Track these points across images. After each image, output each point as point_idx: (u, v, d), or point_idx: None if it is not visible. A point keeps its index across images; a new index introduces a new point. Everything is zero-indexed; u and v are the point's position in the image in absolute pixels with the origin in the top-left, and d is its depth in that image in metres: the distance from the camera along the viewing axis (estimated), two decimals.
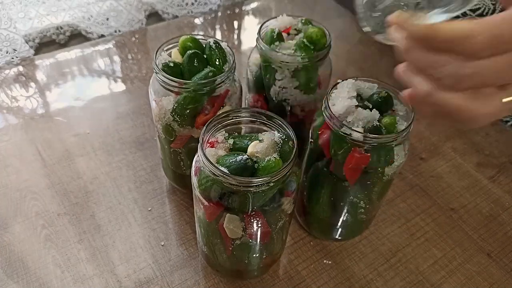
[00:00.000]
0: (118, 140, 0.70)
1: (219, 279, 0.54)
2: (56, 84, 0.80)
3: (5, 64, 0.82)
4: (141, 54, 0.87)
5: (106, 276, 0.54)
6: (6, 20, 0.79)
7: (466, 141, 0.74)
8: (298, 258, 0.57)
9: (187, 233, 0.59)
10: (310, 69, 0.55)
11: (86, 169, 0.66)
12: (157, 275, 0.54)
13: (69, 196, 0.62)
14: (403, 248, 0.59)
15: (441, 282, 0.56)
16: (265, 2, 1.06)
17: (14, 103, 0.75)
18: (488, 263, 0.58)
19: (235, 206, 0.42)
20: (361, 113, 0.45)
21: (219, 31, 0.96)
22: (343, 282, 0.55)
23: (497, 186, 0.67)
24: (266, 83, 0.58)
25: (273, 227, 0.46)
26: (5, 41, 0.80)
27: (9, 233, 0.57)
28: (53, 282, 0.53)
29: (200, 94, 0.49)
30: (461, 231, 0.61)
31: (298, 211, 0.60)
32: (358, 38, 0.96)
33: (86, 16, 0.91)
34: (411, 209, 0.64)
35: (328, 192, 0.52)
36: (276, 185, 0.41)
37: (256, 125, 0.46)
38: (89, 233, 0.58)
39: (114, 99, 0.78)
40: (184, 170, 0.58)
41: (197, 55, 0.50)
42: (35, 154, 0.67)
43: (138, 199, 0.62)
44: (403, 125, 0.46)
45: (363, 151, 0.45)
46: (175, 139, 0.53)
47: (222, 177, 0.40)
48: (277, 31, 0.56)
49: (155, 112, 0.53)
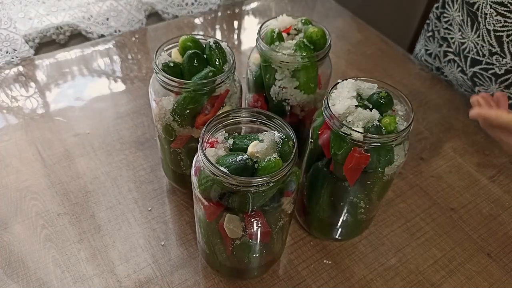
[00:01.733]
0: (118, 140, 0.70)
1: (219, 279, 0.54)
2: (56, 84, 0.80)
3: (5, 64, 0.82)
4: (141, 54, 0.87)
5: (106, 276, 0.54)
6: (6, 20, 0.79)
7: (466, 141, 0.74)
8: (298, 258, 0.57)
9: (187, 233, 0.59)
10: (310, 69, 0.55)
11: (86, 169, 0.66)
12: (157, 275, 0.54)
13: (69, 196, 0.62)
14: (403, 248, 0.59)
15: (441, 282, 0.56)
16: (265, 2, 1.06)
17: (14, 103, 0.75)
18: (488, 263, 0.58)
19: (235, 206, 0.42)
20: (361, 113, 0.45)
21: (219, 31, 0.96)
22: (343, 282, 0.55)
23: (497, 186, 0.67)
24: (266, 83, 0.58)
25: (273, 227, 0.46)
26: (5, 41, 0.80)
27: (9, 233, 0.57)
28: (53, 282, 0.53)
29: (200, 94, 0.49)
30: (461, 231, 0.61)
31: (298, 211, 0.60)
32: (358, 38, 0.96)
33: (86, 16, 0.91)
34: (411, 209, 0.64)
35: (328, 192, 0.52)
36: (276, 185, 0.41)
37: (256, 125, 0.46)
38: (89, 233, 0.58)
39: (114, 99, 0.78)
40: (184, 170, 0.58)
41: (197, 55, 0.50)
42: (35, 154, 0.67)
43: (138, 199, 0.62)
44: (403, 125, 0.46)
45: (363, 151, 0.45)
46: (175, 139, 0.53)
47: (222, 177, 0.40)
48: (277, 31, 0.56)
49: (155, 112, 0.53)
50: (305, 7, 1.06)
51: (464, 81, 0.75)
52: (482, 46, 0.66)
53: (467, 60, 0.71)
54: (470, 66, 0.71)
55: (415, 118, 0.46)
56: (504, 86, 0.69)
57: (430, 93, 0.82)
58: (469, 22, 0.68)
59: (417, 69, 0.87)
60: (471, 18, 0.67)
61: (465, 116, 0.78)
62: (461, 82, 0.77)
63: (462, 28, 0.69)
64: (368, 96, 0.48)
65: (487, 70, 0.69)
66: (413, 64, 0.89)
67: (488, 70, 0.69)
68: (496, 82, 0.69)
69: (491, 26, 0.65)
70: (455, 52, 0.74)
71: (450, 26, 0.74)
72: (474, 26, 0.67)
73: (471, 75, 0.72)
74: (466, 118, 0.78)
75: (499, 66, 0.67)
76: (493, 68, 0.68)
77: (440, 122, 0.77)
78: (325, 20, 1.01)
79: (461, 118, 0.78)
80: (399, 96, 0.49)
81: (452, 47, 0.75)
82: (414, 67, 0.88)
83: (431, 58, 0.84)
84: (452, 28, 0.73)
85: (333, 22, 1.00)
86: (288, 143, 0.43)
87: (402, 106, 0.48)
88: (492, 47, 0.66)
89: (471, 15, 0.67)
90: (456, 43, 0.73)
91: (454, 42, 0.74)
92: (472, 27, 0.68)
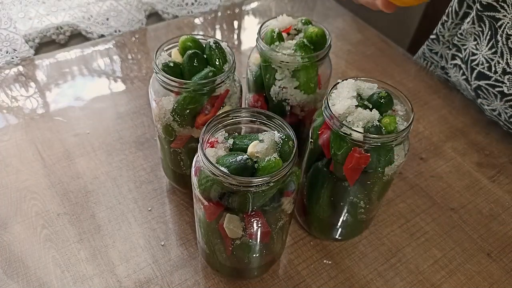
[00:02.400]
0: (118, 140, 0.70)
1: (219, 279, 0.54)
2: (56, 84, 0.80)
3: (5, 64, 0.82)
4: (141, 54, 0.87)
5: (106, 276, 0.54)
6: (6, 20, 0.79)
7: (466, 141, 0.74)
8: (298, 258, 0.57)
9: (187, 233, 0.59)
10: (310, 69, 0.55)
11: (86, 169, 0.66)
12: (157, 275, 0.54)
13: (69, 196, 0.62)
14: (403, 248, 0.59)
15: (441, 282, 0.56)
16: (265, 2, 1.06)
17: (14, 103, 0.75)
18: (488, 263, 0.58)
19: (235, 206, 0.42)
20: (361, 113, 0.45)
21: (219, 31, 0.96)
22: (343, 282, 0.55)
23: (497, 186, 0.67)
24: (266, 83, 0.58)
25: (273, 227, 0.46)
26: (5, 41, 0.80)
27: (9, 233, 0.57)
28: (53, 282, 0.53)
29: (200, 94, 0.49)
30: (461, 231, 0.61)
31: (298, 211, 0.60)
32: (358, 38, 0.96)
33: (86, 16, 0.91)
34: (411, 209, 0.64)
35: (328, 192, 0.52)
36: (276, 185, 0.41)
37: (256, 125, 0.46)
38: (89, 233, 0.58)
39: (114, 99, 0.78)
40: (184, 170, 0.58)
41: (197, 55, 0.50)
42: (35, 154, 0.67)
43: (138, 199, 0.62)
44: (403, 125, 0.46)
45: (363, 151, 0.45)
46: (175, 139, 0.53)
47: (222, 177, 0.40)
48: (277, 31, 0.56)
49: (155, 112, 0.53)
50: (305, 7, 1.06)
51: (467, 90, 0.75)
52: (498, 62, 0.65)
53: (473, 72, 0.70)
54: (475, 79, 0.70)
55: (415, 118, 0.46)
56: (508, 105, 0.68)
57: (430, 93, 0.82)
58: (487, 37, 0.66)
59: (417, 69, 0.87)
60: (491, 33, 0.66)
61: (465, 116, 0.78)
62: (464, 88, 0.77)
63: (478, 39, 0.68)
64: (368, 96, 0.48)
65: (494, 87, 0.68)
66: (413, 64, 0.89)
67: (495, 87, 0.68)
68: (502, 100, 0.68)
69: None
70: (463, 59, 0.73)
71: (461, 35, 0.73)
72: (491, 42, 0.66)
73: (475, 87, 0.71)
74: (466, 118, 0.78)
75: (508, 85, 0.66)
76: (501, 87, 0.67)
77: (440, 122, 0.77)
78: (325, 20, 1.01)
79: (461, 118, 0.78)
80: (399, 96, 0.49)
81: (462, 53, 0.74)
82: (414, 67, 0.88)
83: (437, 56, 0.83)
84: (465, 37, 0.72)
85: (333, 22, 1.00)
86: (288, 143, 0.43)
87: (402, 106, 0.48)
88: (508, 67, 0.65)
89: (492, 30, 0.66)
90: (467, 51, 0.72)
91: (466, 49, 0.73)
92: (488, 42, 0.66)
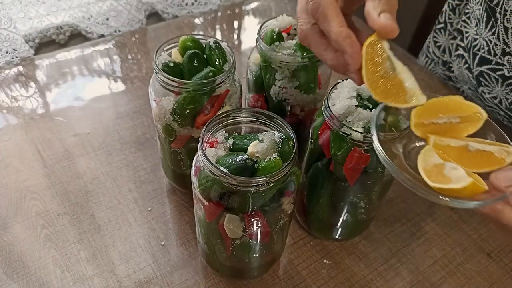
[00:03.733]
0: (118, 140, 0.70)
1: (219, 279, 0.54)
2: (56, 84, 0.80)
3: (5, 64, 0.82)
4: (141, 54, 0.87)
5: (106, 276, 0.54)
6: (6, 20, 0.79)
7: None
8: (298, 258, 0.57)
9: (187, 233, 0.59)
10: (310, 69, 0.55)
11: (86, 169, 0.66)
12: (157, 275, 0.54)
13: (69, 196, 0.62)
14: (403, 248, 0.59)
15: (441, 282, 0.56)
16: (265, 2, 1.06)
17: (14, 103, 0.75)
18: (488, 263, 0.58)
19: (235, 206, 0.42)
20: (361, 113, 0.45)
21: (219, 31, 0.96)
22: (343, 282, 0.55)
23: None
24: (266, 83, 0.58)
25: (273, 227, 0.46)
26: (5, 41, 0.80)
27: (9, 233, 0.57)
28: (53, 282, 0.53)
29: (200, 94, 0.49)
30: (461, 231, 0.61)
31: (298, 211, 0.60)
32: None
33: (86, 16, 0.91)
34: (411, 209, 0.64)
35: (328, 192, 0.52)
36: (276, 185, 0.41)
37: (256, 125, 0.46)
38: (89, 233, 0.58)
39: (114, 99, 0.78)
40: (184, 170, 0.58)
41: (197, 55, 0.50)
42: (35, 154, 0.67)
43: (138, 199, 0.62)
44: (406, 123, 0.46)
45: (363, 151, 0.45)
46: (175, 139, 0.53)
47: (222, 177, 0.40)
48: (277, 31, 0.56)
49: (155, 112, 0.53)
50: None
51: (469, 79, 0.74)
52: (495, 44, 0.64)
53: (475, 58, 0.70)
54: (477, 65, 0.69)
55: None
56: (509, 90, 0.68)
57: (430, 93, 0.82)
58: (485, 18, 0.65)
59: (417, 69, 0.87)
60: (487, 14, 0.65)
61: None
62: (466, 79, 0.76)
63: (478, 23, 0.67)
64: (368, 96, 0.48)
65: (495, 70, 0.67)
66: (413, 64, 0.89)
67: (496, 71, 0.67)
68: (503, 84, 0.68)
69: (510, 24, 0.63)
70: (466, 47, 0.72)
71: (468, 19, 0.72)
72: (490, 23, 0.65)
73: (477, 73, 0.70)
74: None
75: (509, 67, 0.65)
76: (502, 69, 0.66)
77: None
78: None
79: None
80: None
81: (464, 42, 0.73)
82: (414, 67, 0.88)
83: (440, 51, 0.83)
84: (470, 22, 0.71)
85: None
86: (288, 143, 0.43)
87: None
88: (507, 47, 0.64)
89: (488, 11, 0.65)
90: (469, 38, 0.71)
91: (467, 37, 0.72)
92: (487, 24, 0.65)
